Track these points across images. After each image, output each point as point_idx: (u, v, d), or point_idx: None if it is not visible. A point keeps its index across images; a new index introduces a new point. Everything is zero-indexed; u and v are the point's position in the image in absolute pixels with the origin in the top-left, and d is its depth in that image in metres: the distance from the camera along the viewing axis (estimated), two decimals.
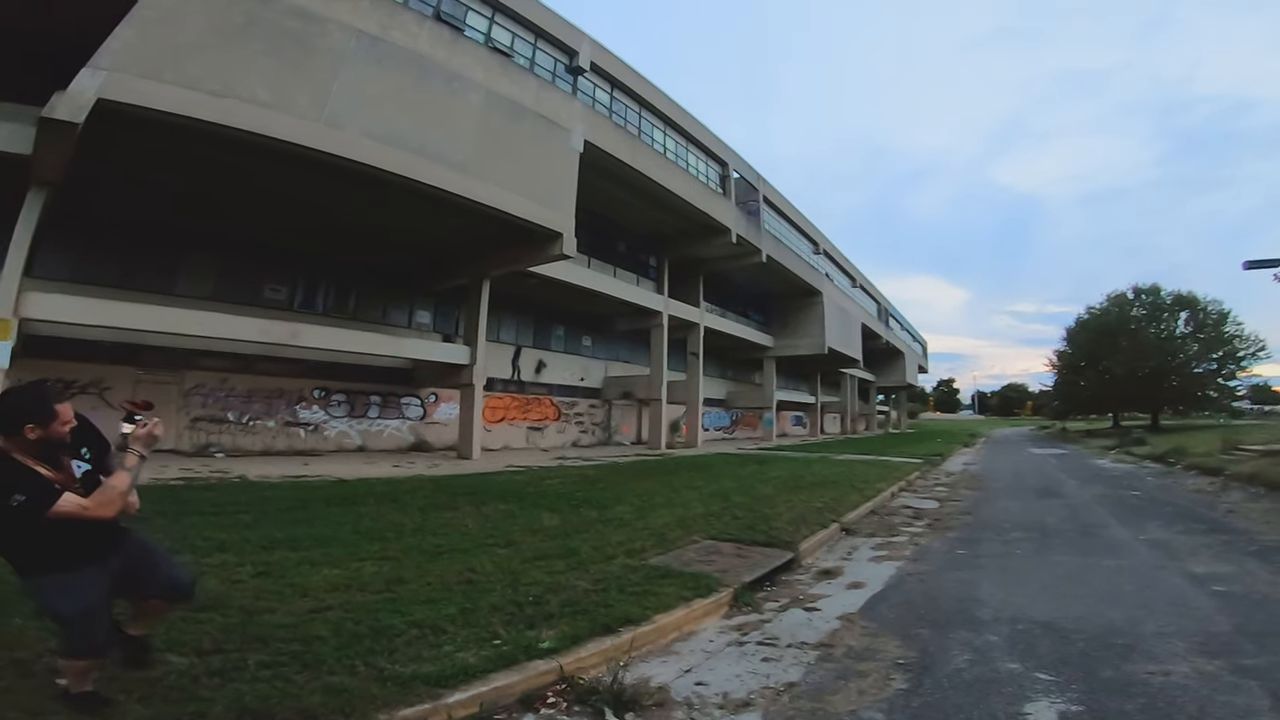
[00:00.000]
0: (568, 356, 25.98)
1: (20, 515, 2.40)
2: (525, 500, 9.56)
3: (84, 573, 2.62)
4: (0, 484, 2.40)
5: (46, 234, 11.56)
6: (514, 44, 16.55)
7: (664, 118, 22.75)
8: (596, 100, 19.51)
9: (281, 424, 17.09)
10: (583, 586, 5.01)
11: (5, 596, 3.87)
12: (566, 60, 18.15)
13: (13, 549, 2.57)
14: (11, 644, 3.29)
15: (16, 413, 2.48)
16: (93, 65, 9.48)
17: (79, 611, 2.62)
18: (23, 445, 2.49)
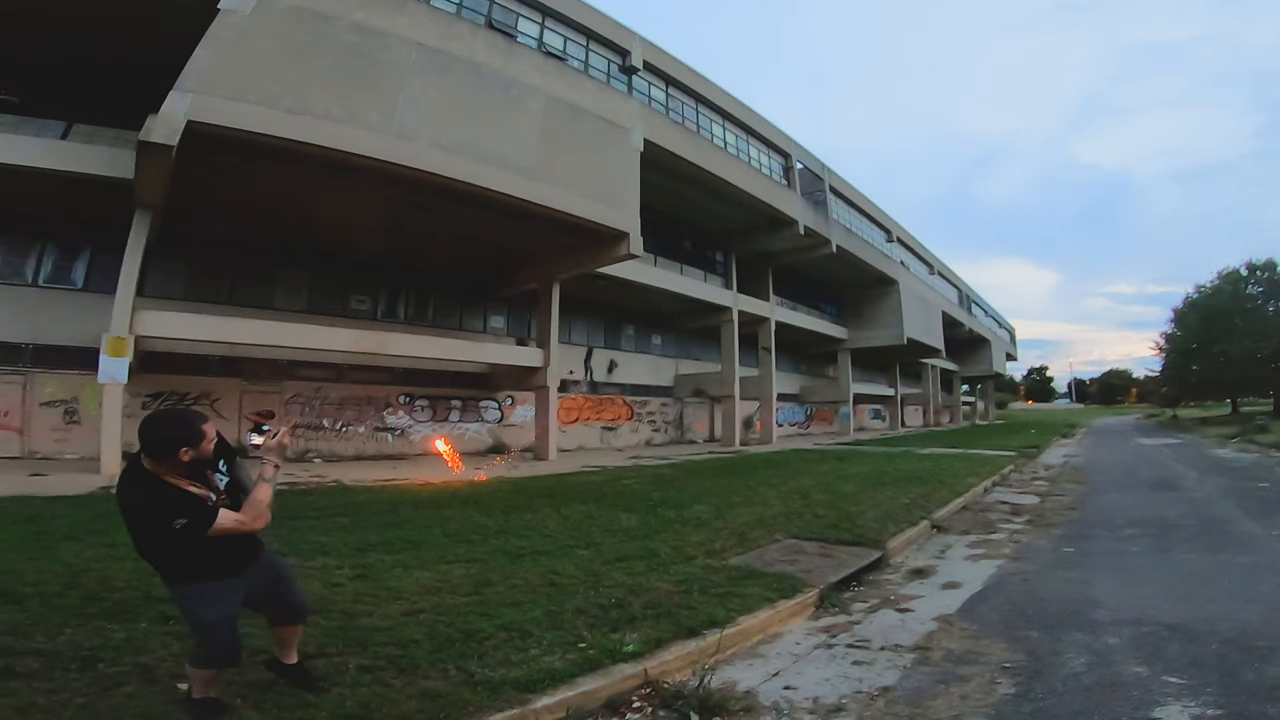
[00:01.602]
0: (638, 355, 26.04)
1: (182, 536, 2.49)
2: (603, 501, 9.59)
3: (227, 583, 2.71)
4: (163, 509, 2.48)
5: (156, 255, 12.53)
6: (566, 47, 16.73)
7: (721, 112, 22.46)
8: (652, 98, 19.47)
9: (371, 430, 17.90)
10: (664, 588, 4.95)
11: (132, 601, 4.18)
12: (619, 60, 18.21)
13: (166, 560, 2.66)
14: (137, 648, 3.44)
15: (170, 439, 2.55)
16: (179, 88, 10.13)
17: (221, 620, 2.70)
18: (174, 467, 2.57)
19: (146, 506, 2.51)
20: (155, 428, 2.59)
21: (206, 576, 2.67)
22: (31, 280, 13.98)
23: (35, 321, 13.63)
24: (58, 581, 4.58)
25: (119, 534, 6.06)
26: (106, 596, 4.30)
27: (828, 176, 28.87)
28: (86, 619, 3.86)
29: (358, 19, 12.09)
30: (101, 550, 5.60)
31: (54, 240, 14.15)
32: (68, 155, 11.71)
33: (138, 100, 10.19)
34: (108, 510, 7.50)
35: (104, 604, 4.14)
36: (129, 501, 2.56)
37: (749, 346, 26.77)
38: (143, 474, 2.56)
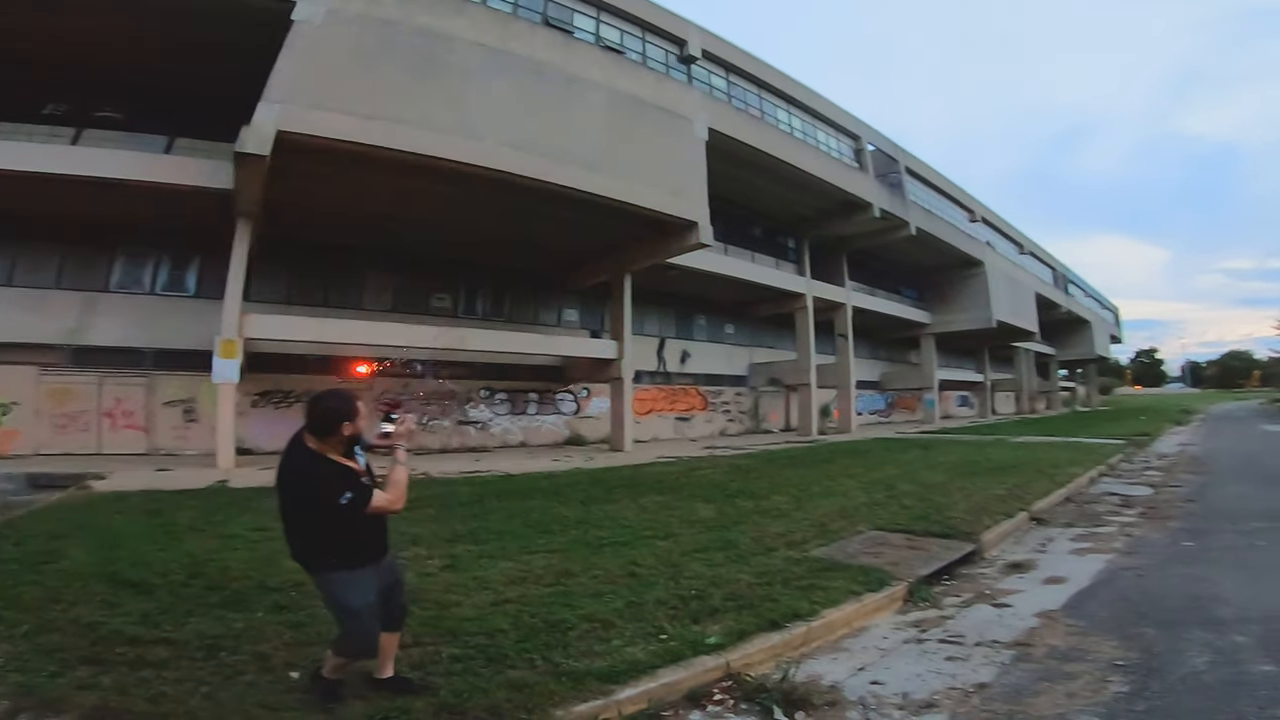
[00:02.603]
0: (711, 345, 25.86)
1: (345, 512, 2.61)
2: (680, 491, 9.59)
3: (367, 569, 2.83)
4: (332, 484, 2.60)
5: (257, 261, 13.36)
6: (623, 40, 16.77)
7: (785, 97, 21.99)
8: (713, 87, 19.26)
9: (454, 423, 18.59)
10: (745, 580, 4.90)
11: (249, 590, 4.46)
12: (677, 50, 18.11)
13: (322, 542, 2.74)
14: (255, 637, 3.66)
15: (335, 413, 2.69)
16: (266, 99, 10.72)
17: (365, 606, 2.79)
18: (335, 444, 2.70)
19: (318, 480, 2.62)
20: (321, 403, 2.72)
21: (354, 562, 2.77)
22: (150, 289, 15.25)
23: (155, 327, 14.84)
24: (183, 572, 4.92)
25: (236, 525, 6.62)
26: (226, 586, 4.59)
27: (902, 158, 27.72)
28: (209, 608, 4.12)
29: (421, 23, 12.46)
30: (221, 541, 6.02)
31: (168, 250, 15.36)
32: (172, 169, 12.66)
33: (235, 113, 10.81)
34: (226, 503, 8.15)
35: (224, 593, 4.43)
36: (299, 476, 2.67)
37: (825, 333, 26.06)
38: (308, 451, 2.68)
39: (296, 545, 2.82)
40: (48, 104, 13.58)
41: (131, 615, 3.95)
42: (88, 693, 2.91)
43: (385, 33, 12.08)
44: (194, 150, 13.20)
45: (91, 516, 7.26)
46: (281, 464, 2.75)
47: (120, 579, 4.69)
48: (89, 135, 13.59)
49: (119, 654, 3.37)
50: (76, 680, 3.05)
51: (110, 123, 13.85)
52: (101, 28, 12.13)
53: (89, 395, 14.34)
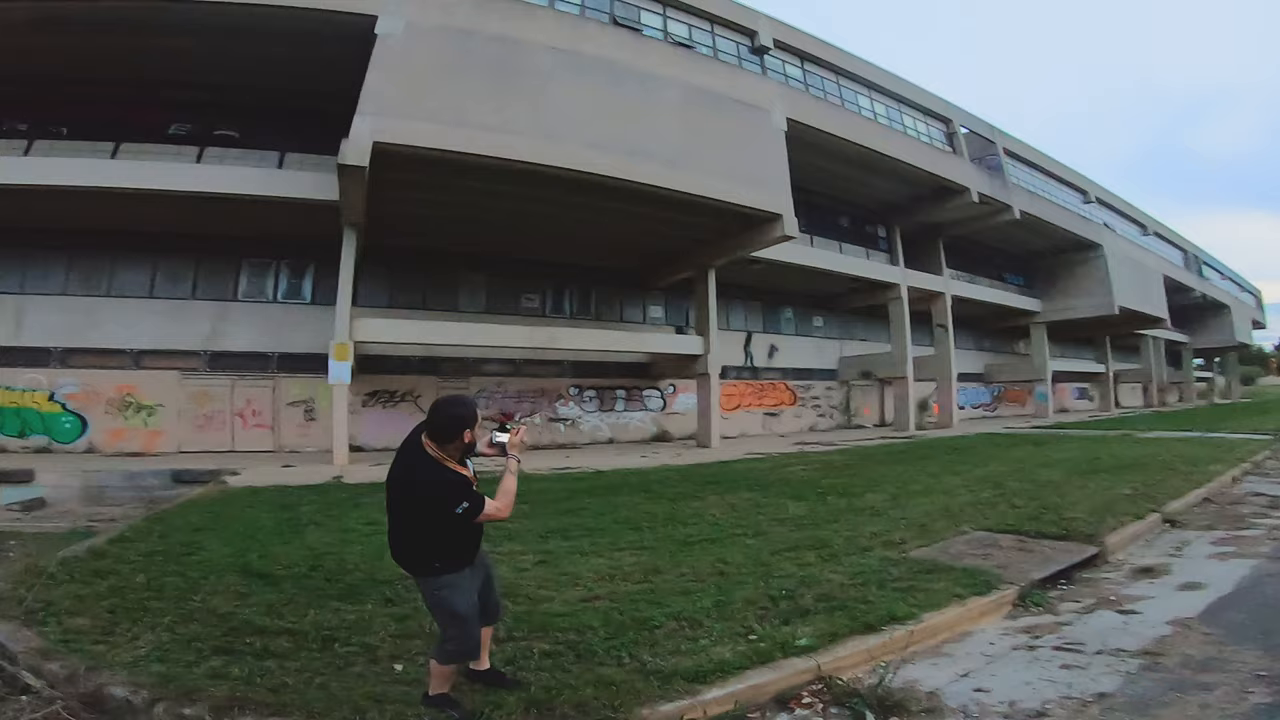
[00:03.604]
0: (799, 339, 25.25)
1: (459, 521, 2.65)
2: (769, 488, 9.43)
3: (467, 574, 2.86)
4: (451, 493, 2.63)
5: (363, 268, 14.18)
6: (692, 35, 16.67)
7: (866, 83, 21.28)
8: (789, 76, 18.85)
9: (546, 420, 19.11)
10: (838, 580, 4.75)
11: (362, 584, 4.72)
12: (748, 41, 17.82)
13: (431, 547, 2.74)
14: (365, 629, 3.85)
15: (460, 421, 2.69)
16: (361, 112, 11.35)
17: (470, 610, 2.83)
18: (453, 451, 2.72)
19: (438, 489, 2.64)
20: (444, 409, 2.75)
21: (459, 566, 2.80)
22: (272, 297, 16.61)
23: (279, 333, 16.13)
24: (304, 564, 5.25)
25: (351, 520, 7.03)
26: (342, 579, 4.86)
27: (1000, 139, 26.14)
28: (326, 600, 4.38)
29: (494, 30, 12.90)
30: (338, 535, 6.40)
31: (286, 261, 16.66)
32: (284, 183, 13.70)
33: (341, 127, 11.45)
34: (342, 498, 8.67)
35: (340, 585, 4.70)
36: (419, 483, 2.68)
37: (921, 324, 24.85)
38: (426, 457, 2.70)
39: (403, 548, 2.85)
40: (172, 124, 14.98)
41: (259, 606, 4.25)
42: (219, 682, 3.10)
43: (462, 41, 12.58)
44: (303, 164, 14.16)
45: (227, 510, 7.95)
46: (398, 467, 2.78)
47: (251, 570, 5.06)
48: (210, 154, 14.84)
49: (247, 644, 3.60)
50: (210, 670, 3.26)
51: (228, 141, 15.13)
52: (208, 49, 13.22)
53: (223, 397, 15.80)
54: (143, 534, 6.59)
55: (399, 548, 2.88)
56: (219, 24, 12.42)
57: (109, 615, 4.08)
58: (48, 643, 3.65)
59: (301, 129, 14.62)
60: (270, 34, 12.74)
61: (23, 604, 4.23)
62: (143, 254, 15.58)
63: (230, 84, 14.51)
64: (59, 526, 9.12)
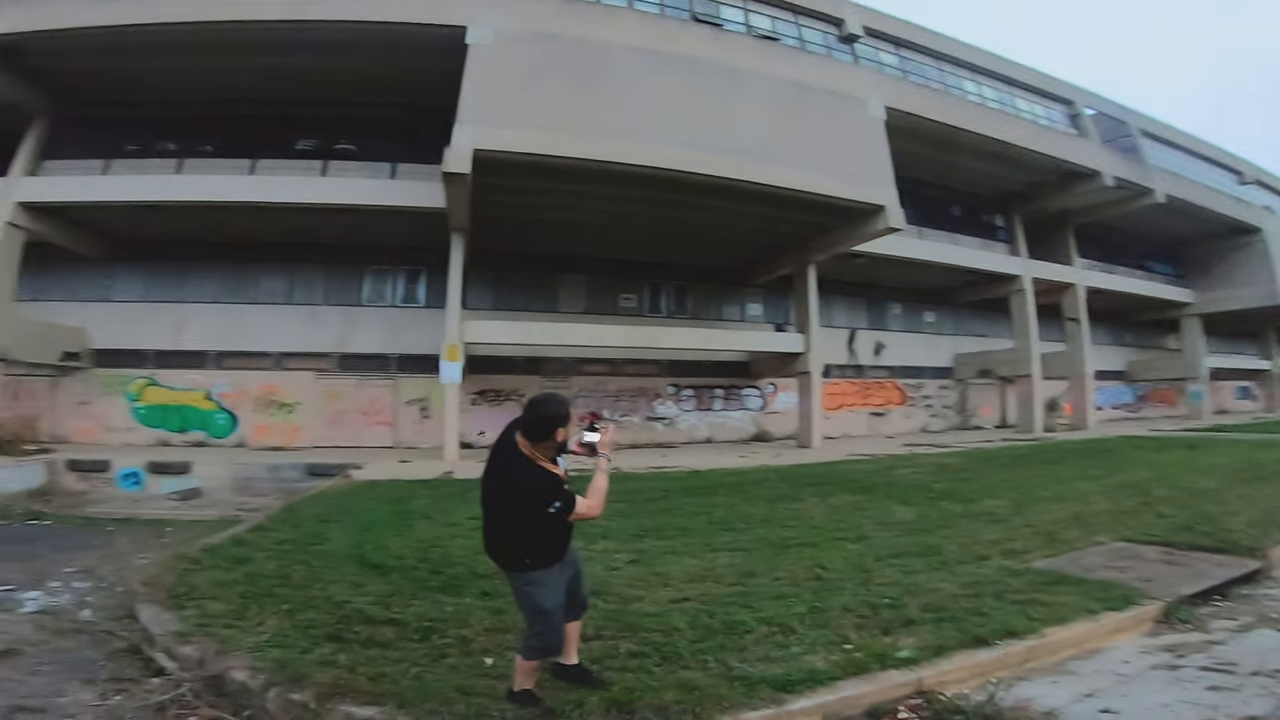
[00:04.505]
0: (908, 335, 23.95)
1: (551, 519, 2.69)
2: (874, 491, 8.99)
3: (556, 570, 2.89)
4: (544, 491, 2.66)
5: (470, 272, 14.90)
6: (775, 27, 16.36)
7: (969, 67, 20.15)
8: (883, 64, 18.07)
9: (643, 419, 19.27)
10: (948, 590, 4.43)
11: (462, 577, 4.87)
12: (835, 31, 17.28)
13: (524, 544, 2.77)
14: (461, 621, 3.97)
15: (555, 419, 2.71)
16: (460, 121, 11.85)
17: (558, 606, 2.86)
18: (547, 449, 2.76)
19: (532, 487, 2.67)
20: (543, 407, 2.77)
21: (549, 562, 2.82)
22: (391, 302, 17.81)
23: (397, 335, 17.25)
24: (413, 556, 5.49)
25: (458, 514, 7.29)
26: (445, 571, 5.04)
27: (1135, 120, 23.83)
28: (429, 592, 4.56)
29: (577, 34, 13.17)
30: (445, 529, 6.67)
31: (403, 267, 17.81)
32: (397, 192, 14.64)
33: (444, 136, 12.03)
34: (451, 493, 9.06)
35: (443, 578, 4.87)
36: (513, 480, 2.70)
37: (1049, 318, 22.88)
38: (522, 455, 2.74)
39: (496, 544, 2.90)
40: (299, 140, 16.35)
41: (370, 596, 4.45)
42: (326, 669, 3.22)
43: (548, 47, 12.93)
44: (414, 174, 15.00)
45: (349, 502, 8.55)
46: (494, 464, 2.83)
47: (366, 561, 5.35)
48: (332, 167, 16.04)
49: (355, 633, 3.77)
50: (320, 657, 3.40)
51: (347, 154, 16.33)
52: (324, 68, 14.34)
53: (350, 395, 17.13)
54: (278, 523, 7.16)
55: (492, 543, 2.93)
56: (327, 42, 13.45)
57: (241, 600, 4.37)
58: (185, 626, 3.94)
59: (411, 140, 15.48)
60: (374, 49, 13.67)
61: (168, 588, 4.66)
62: (281, 264, 17.23)
63: (347, 100, 15.75)
64: (210, 515, 10.13)
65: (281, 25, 12.94)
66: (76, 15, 12.94)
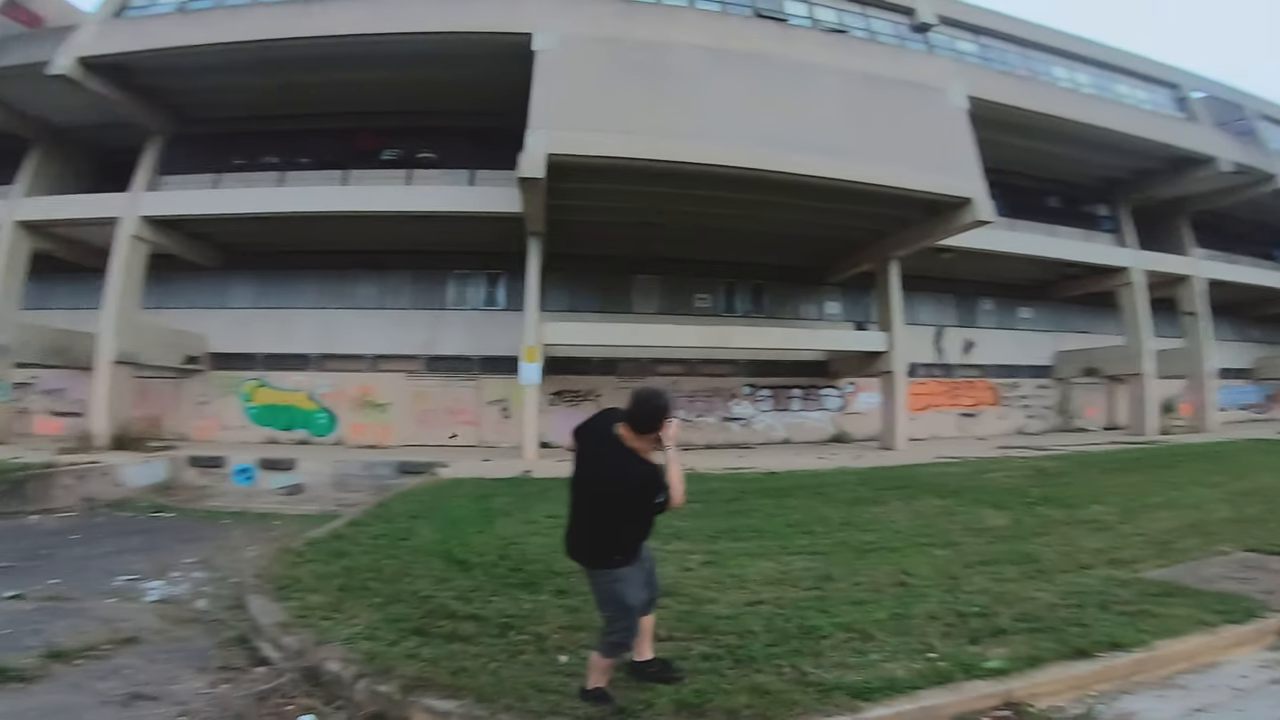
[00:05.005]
0: (1001, 332, 22.65)
1: (652, 511, 2.73)
2: (963, 495, 8.56)
3: (637, 566, 2.93)
4: (654, 483, 2.68)
5: (546, 274, 15.18)
6: (843, 19, 16.01)
7: (1059, 52, 19.03)
8: (961, 52, 17.26)
9: (719, 420, 19.13)
10: (1045, 599, 4.19)
11: (540, 574, 4.97)
12: (906, 20, 16.67)
13: (614, 542, 2.79)
14: (537, 618, 4.01)
15: (663, 411, 2.74)
16: (532, 126, 12.10)
17: (638, 602, 2.90)
18: (649, 442, 2.78)
19: (644, 477, 2.69)
20: (650, 400, 2.78)
21: (635, 559, 2.86)
22: (474, 305, 18.49)
23: (480, 337, 17.90)
24: (494, 553, 5.63)
25: (536, 512, 7.48)
26: (524, 568, 5.14)
27: (1250, 102, 21.70)
28: (508, 588, 4.67)
29: (640, 36, 13.23)
30: (524, 526, 6.83)
31: (484, 271, 18.45)
32: (476, 198, 15.14)
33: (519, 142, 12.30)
34: (530, 491, 9.26)
35: (521, 575, 4.98)
36: (628, 472, 2.69)
37: (1163, 313, 21.09)
38: (629, 449, 2.76)
39: (586, 540, 2.87)
40: (384, 150, 17.20)
41: (453, 591, 4.58)
42: (411, 662, 3.34)
43: (613, 50, 13.06)
44: (492, 180, 15.46)
45: (435, 500, 8.88)
46: (593, 457, 2.83)
47: (451, 557, 5.52)
48: (416, 176, 16.75)
49: (439, 627, 3.88)
50: (405, 650, 3.52)
51: (428, 163, 17.01)
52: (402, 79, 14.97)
53: (437, 396, 17.91)
54: (372, 519, 7.52)
55: (581, 539, 2.93)
56: (403, 54, 14.03)
57: (339, 593, 4.58)
58: (288, 616, 4.16)
59: (488, 147, 15.93)
60: (447, 58, 14.17)
61: (275, 580, 4.98)
62: (373, 270, 18.26)
63: (425, 109, 16.40)
64: (312, 509, 10.81)
65: (361, 39, 13.68)
66: (173, 34, 14.15)
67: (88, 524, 9.42)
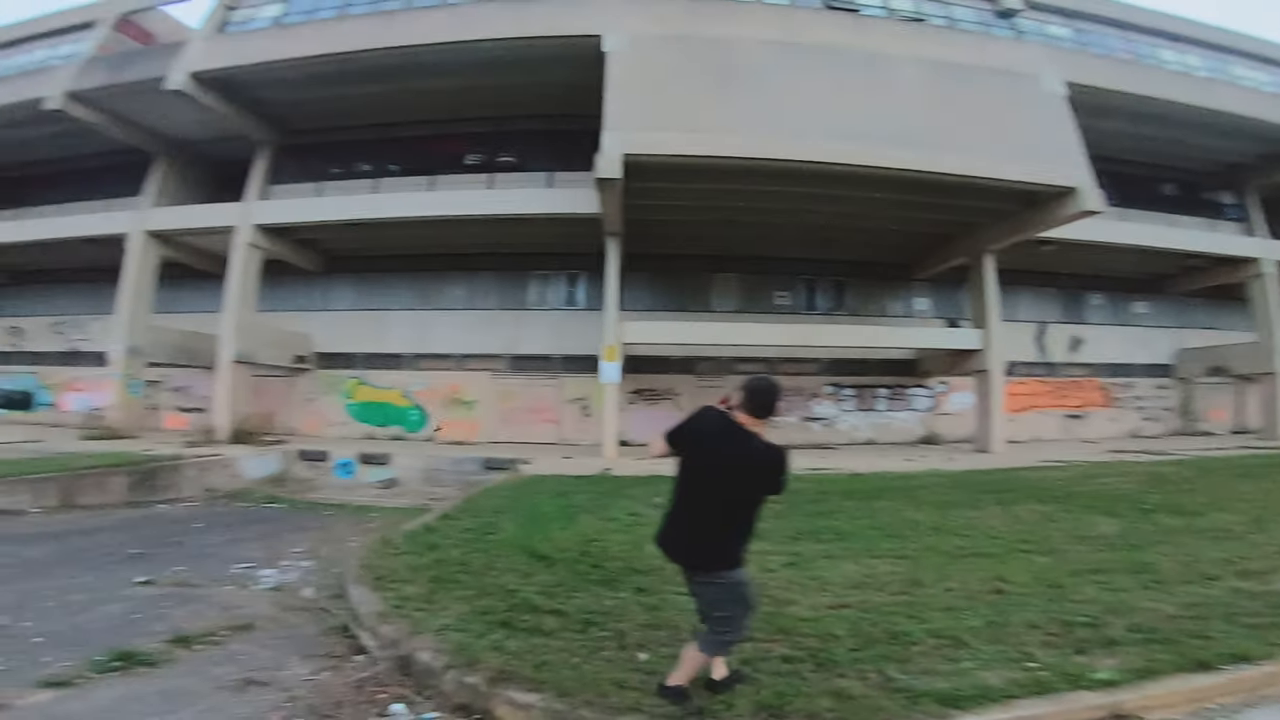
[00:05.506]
0: (1113, 329, 21.00)
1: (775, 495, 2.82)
2: (1068, 501, 8.02)
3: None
4: (787, 462, 2.81)
5: (625, 274, 15.33)
6: (920, 8, 15.39)
7: (1164, 34, 17.67)
8: (1055, 38, 16.25)
9: (800, 419, 18.72)
10: (1163, 610, 3.91)
11: (620, 572, 5.01)
12: (989, 6, 15.85)
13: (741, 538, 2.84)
14: (618, 616, 4.01)
15: (778, 395, 2.89)
16: (607, 127, 12.19)
17: (758, 601, 2.93)
18: (764, 429, 2.86)
19: (784, 458, 2.80)
20: (769, 386, 2.89)
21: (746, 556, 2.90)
22: (554, 305, 18.92)
23: (561, 336, 18.32)
24: (575, 549, 5.68)
25: (616, 509, 7.54)
26: (604, 566, 5.18)
27: None
28: (589, 585, 4.70)
29: (709, 34, 13.15)
30: (604, 523, 6.87)
31: (563, 272, 18.85)
32: (555, 200, 15.48)
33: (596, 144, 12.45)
34: (610, 489, 9.33)
35: (602, 572, 5.01)
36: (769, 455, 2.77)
37: None
38: (755, 434, 2.84)
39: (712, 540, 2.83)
40: (466, 155, 17.84)
41: (537, 586, 4.63)
42: (496, 655, 3.40)
43: (682, 48, 13.04)
44: (570, 182, 15.78)
45: (519, 495, 9.08)
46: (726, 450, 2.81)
47: (534, 552, 5.60)
48: (497, 179, 17.24)
49: (524, 621, 3.93)
50: (492, 642, 3.57)
51: (509, 166, 17.54)
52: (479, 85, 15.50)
53: (519, 394, 18.48)
54: (460, 513, 7.75)
55: (704, 540, 2.86)
56: (479, 61, 14.50)
57: (431, 585, 4.69)
58: (386, 606, 4.29)
59: (565, 149, 16.32)
60: (522, 64, 14.54)
61: (373, 570, 5.20)
62: (459, 272, 19.03)
63: (503, 115, 16.96)
64: (405, 503, 11.31)
65: (435, 47, 14.26)
66: (269, 49, 15.16)
67: (209, 513, 10.24)
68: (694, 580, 2.93)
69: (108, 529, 8.42)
